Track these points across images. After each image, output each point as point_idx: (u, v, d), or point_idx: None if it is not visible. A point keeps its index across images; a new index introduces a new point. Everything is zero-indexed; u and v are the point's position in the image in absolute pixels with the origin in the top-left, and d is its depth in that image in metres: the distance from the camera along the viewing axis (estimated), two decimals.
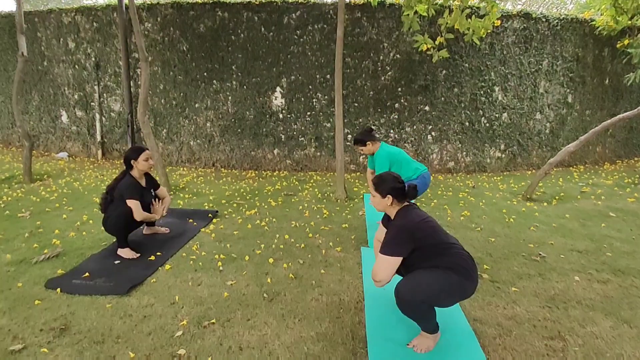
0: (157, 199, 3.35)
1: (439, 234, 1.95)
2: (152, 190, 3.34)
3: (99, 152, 7.43)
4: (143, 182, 3.26)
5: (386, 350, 1.99)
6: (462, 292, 1.92)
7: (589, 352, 2.03)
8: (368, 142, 3.57)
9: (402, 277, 2.00)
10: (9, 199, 4.67)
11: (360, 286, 2.72)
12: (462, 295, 1.94)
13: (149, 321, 2.25)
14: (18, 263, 2.95)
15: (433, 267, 1.90)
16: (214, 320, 2.26)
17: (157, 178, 4.66)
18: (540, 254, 3.28)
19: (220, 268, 2.95)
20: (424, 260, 1.92)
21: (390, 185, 2.02)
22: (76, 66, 7.24)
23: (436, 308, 2.00)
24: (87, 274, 2.76)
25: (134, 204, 3.04)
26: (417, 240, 1.88)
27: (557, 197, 5.17)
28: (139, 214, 3.06)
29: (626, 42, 6.86)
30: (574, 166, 7.64)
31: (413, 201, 2.42)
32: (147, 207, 3.26)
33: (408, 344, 2.03)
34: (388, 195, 2.02)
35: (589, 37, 7.12)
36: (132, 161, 3.15)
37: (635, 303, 2.53)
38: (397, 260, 1.88)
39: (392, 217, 2.06)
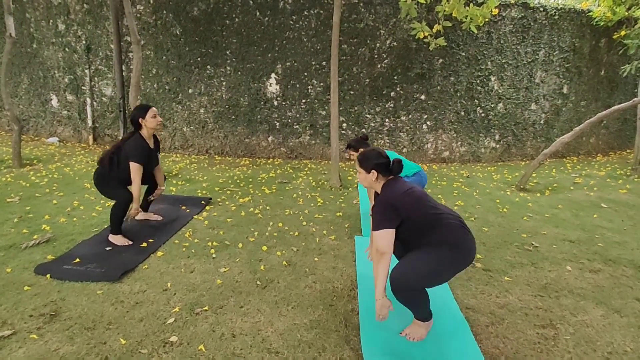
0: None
1: (425, 205, 1.92)
2: (157, 154, 3.26)
3: (90, 137, 7.32)
4: (151, 144, 3.15)
5: (379, 338, 1.99)
6: (458, 264, 1.90)
7: (580, 341, 2.04)
8: (360, 149, 3.47)
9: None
10: None
11: (354, 274, 2.71)
12: (460, 267, 1.92)
13: (140, 307, 2.23)
14: (7, 248, 2.91)
15: (425, 245, 1.89)
16: (206, 307, 2.25)
17: None
18: (532, 244, 3.30)
19: (213, 255, 2.93)
20: (415, 234, 1.91)
21: (374, 161, 2.01)
22: (66, 49, 7.07)
23: (429, 295, 1.99)
24: (77, 259, 2.73)
25: (136, 168, 2.95)
26: (402, 212, 1.88)
27: (550, 188, 5.20)
28: (137, 183, 2.98)
29: (623, 33, 6.85)
30: (568, 157, 7.68)
31: None
32: (150, 175, 3.21)
33: (401, 333, 2.03)
34: (372, 171, 2.01)
35: (586, 27, 7.10)
36: (140, 120, 3.02)
37: (625, 292, 2.55)
38: (389, 232, 1.87)
39: (379, 193, 2.06)
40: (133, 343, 1.93)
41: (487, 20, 5.53)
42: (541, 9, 6.70)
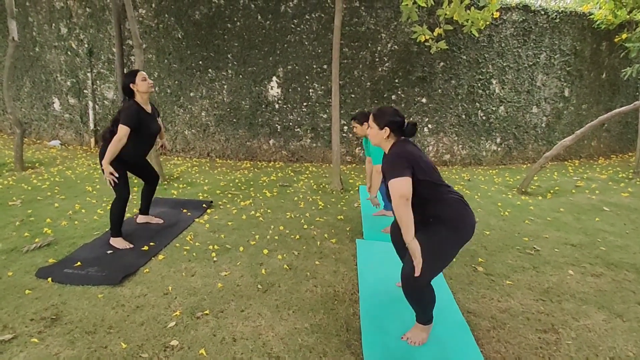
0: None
1: (432, 172, 1.88)
2: (157, 118, 3.23)
3: (92, 140, 7.34)
4: (148, 109, 3.10)
5: (380, 342, 1.99)
6: (460, 241, 1.89)
7: (582, 345, 2.04)
8: (365, 123, 3.40)
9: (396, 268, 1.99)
10: (0, 187, 4.60)
11: (355, 278, 2.71)
12: (462, 243, 1.91)
13: (141, 311, 2.23)
14: (8, 252, 2.91)
15: (425, 224, 1.86)
16: (207, 311, 2.25)
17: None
18: (534, 248, 3.29)
19: (215, 259, 2.93)
20: (418, 203, 1.84)
21: (389, 118, 1.94)
22: (69, 52, 7.10)
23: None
24: (78, 263, 2.73)
25: (123, 132, 2.83)
26: (413, 168, 1.80)
27: (552, 191, 5.19)
28: (115, 144, 2.82)
29: (624, 36, 6.84)
30: (569, 160, 7.67)
31: None
32: (153, 137, 3.16)
33: (402, 337, 2.02)
34: (386, 128, 1.94)
35: (587, 30, 7.10)
36: (131, 85, 2.96)
37: (627, 297, 2.54)
38: (408, 179, 1.77)
39: (387, 152, 2.00)
40: (134, 347, 1.93)
41: (488, 23, 5.55)
42: (542, 12, 6.71)
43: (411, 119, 6.76)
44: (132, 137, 2.93)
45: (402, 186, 1.77)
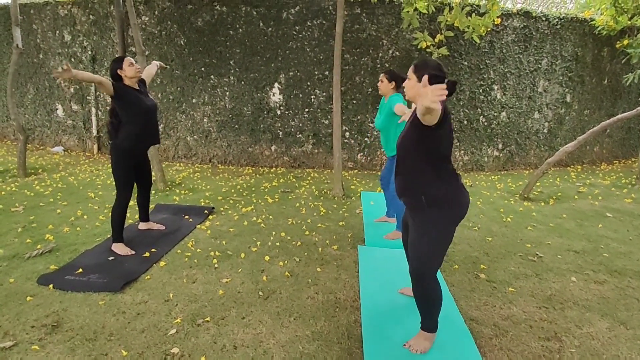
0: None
1: (449, 144, 1.83)
2: (148, 94, 3.23)
3: (95, 146, 7.37)
4: (136, 87, 3.14)
5: (382, 350, 1.97)
6: (453, 219, 1.85)
7: (586, 354, 2.02)
8: (393, 82, 3.23)
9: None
10: (3, 193, 4.62)
11: (357, 285, 2.70)
12: (456, 222, 1.87)
13: (142, 318, 2.23)
14: (10, 258, 2.92)
15: (418, 200, 1.84)
16: (208, 318, 2.24)
17: (153, 174, 4.62)
18: (537, 254, 3.28)
19: (216, 265, 2.93)
20: (420, 165, 1.81)
21: (432, 71, 1.80)
22: (72, 59, 7.16)
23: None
24: (80, 269, 2.73)
25: (105, 81, 2.90)
26: (445, 120, 1.67)
27: (554, 197, 5.17)
28: (90, 77, 2.83)
29: (625, 42, 6.85)
30: (572, 166, 7.64)
31: None
32: (151, 113, 3.13)
33: (404, 344, 2.01)
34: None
35: (588, 36, 7.11)
36: (118, 71, 3.03)
37: (631, 304, 2.52)
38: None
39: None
40: (134, 355, 1.93)
41: (489, 29, 5.57)
42: (543, 19, 6.73)
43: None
44: (130, 116, 2.98)
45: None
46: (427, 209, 1.84)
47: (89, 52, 7.03)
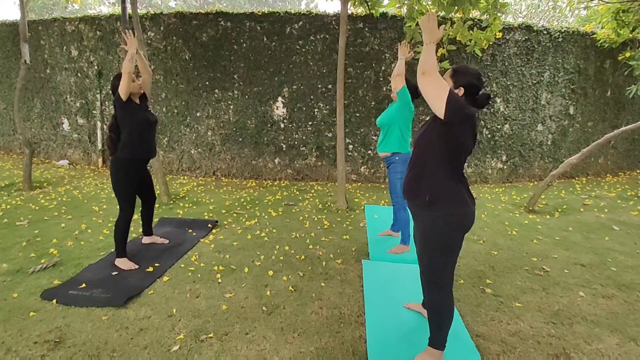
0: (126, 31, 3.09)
1: (463, 150, 1.81)
2: (149, 108, 3.25)
3: (100, 160, 7.42)
4: (137, 101, 3.14)
5: None
6: (459, 227, 1.83)
7: None
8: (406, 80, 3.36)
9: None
10: (8, 207, 4.64)
11: (361, 299, 2.67)
12: (462, 230, 1.84)
13: (145, 334, 2.21)
14: (14, 273, 2.91)
15: (421, 198, 1.83)
16: (211, 334, 2.22)
17: (157, 187, 4.63)
18: (543, 268, 3.24)
19: (219, 280, 2.91)
20: (433, 157, 1.81)
21: (470, 79, 1.81)
22: (79, 74, 7.26)
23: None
24: (83, 284, 2.72)
25: (120, 87, 2.87)
26: (458, 119, 1.71)
27: (559, 210, 5.13)
28: (124, 78, 2.84)
29: (628, 54, 6.87)
30: (576, 178, 7.60)
31: None
32: (151, 125, 3.14)
33: None
34: (461, 88, 1.83)
35: (590, 49, 7.14)
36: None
37: None
38: (445, 86, 1.70)
39: None
40: None
41: (491, 43, 5.60)
42: (544, 32, 6.77)
43: (416, 137, 6.76)
44: (131, 129, 2.99)
45: (438, 83, 1.69)
46: (427, 209, 1.82)
47: (95, 67, 7.12)
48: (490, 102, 1.82)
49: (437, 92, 1.69)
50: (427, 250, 1.87)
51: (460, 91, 1.83)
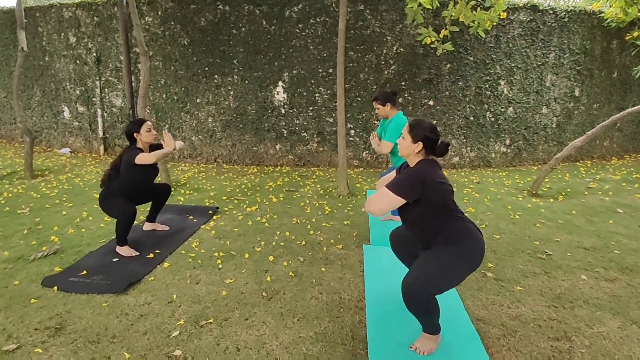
0: (166, 131, 3.24)
1: (449, 199, 1.87)
2: (157, 165, 3.24)
3: (101, 147, 7.41)
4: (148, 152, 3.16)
5: (387, 351, 1.94)
6: (468, 267, 1.84)
7: (597, 354, 1.97)
8: (388, 104, 3.43)
9: (403, 273, 1.96)
10: (10, 195, 4.65)
11: (362, 285, 2.66)
12: (469, 271, 1.86)
13: (145, 320, 2.21)
14: (15, 260, 2.93)
15: (436, 241, 1.85)
16: (211, 320, 2.22)
17: (160, 175, 4.62)
18: (546, 252, 3.21)
19: (219, 266, 2.91)
20: (427, 220, 1.86)
21: (426, 132, 1.88)
22: (77, 61, 7.19)
23: (440, 306, 1.94)
24: (84, 271, 2.73)
25: (142, 156, 2.90)
26: (426, 192, 1.79)
27: (563, 193, 5.08)
28: (151, 157, 2.90)
29: (635, 34, 6.71)
30: (581, 161, 7.53)
31: None
32: (151, 181, 3.23)
33: (410, 347, 1.97)
34: (419, 142, 1.89)
35: (597, 29, 6.98)
36: (134, 134, 3.05)
37: None
38: (398, 200, 1.80)
39: (412, 166, 1.96)
40: (137, 357, 1.91)
41: (494, 24, 5.47)
42: (550, 12, 6.61)
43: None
44: (129, 179, 3.03)
45: (385, 202, 1.81)
46: (445, 244, 1.85)
47: (94, 54, 7.05)
48: (448, 150, 1.90)
49: (393, 204, 1.82)
50: (430, 263, 1.84)
51: (419, 146, 1.90)
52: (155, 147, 3.23)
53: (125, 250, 3.06)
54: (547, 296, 2.53)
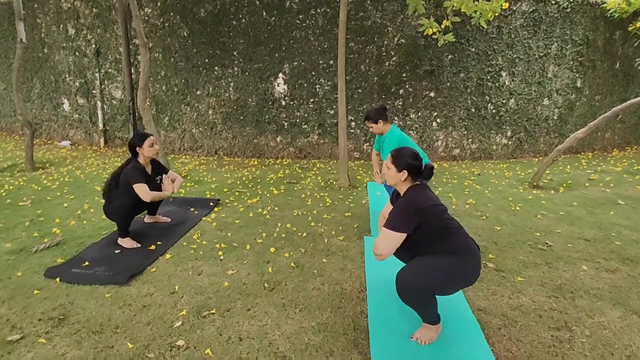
0: (165, 176, 3.28)
1: (445, 219, 1.91)
2: (157, 179, 3.27)
3: (102, 140, 7.40)
4: (149, 170, 3.19)
5: (388, 342, 1.95)
6: (465, 278, 1.90)
7: (597, 344, 1.98)
8: (380, 121, 3.43)
9: (404, 264, 1.97)
10: (11, 187, 4.65)
11: (363, 275, 2.67)
12: (465, 282, 1.92)
13: (148, 311, 2.23)
14: (18, 252, 2.94)
15: (435, 252, 1.88)
16: (213, 310, 2.23)
17: None
18: (546, 243, 3.22)
19: (221, 257, 2.92)
20: (427, 242, 1.90)
21: (408, 160, 1.95)
22: (76, 53, 7.16)
23: (440, 297, 1.95)
24: (86, 263, 2.74)
25: (140, 188, 2.98)
26: (422, 219, 1.84)
27: (564, 185, 5.08)
28: (147, 195, 2.99)
29: (638, 24, 6.66)
30: (582, 153, 7.51)
31: None
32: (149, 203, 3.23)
33: (411, 337, 1.98)
34: (404, 171, 1.95)
35: (599, 19, 6.92)
36: (137, 148, 3.09)
37: None
38: (400, 236, 1.84)
39: (402, 194, 2.01)
40: (140, 347, 1.93)
41: (497, 14, 5.42)
42: (553, 2, 6.55)
43: (419, 113, 6.68)
44: (127, 198, 3.03)
45: (389, 242, 1.84)
46: (445, 255, 1.88)
47: (93, 46, 7.01)
48: (433, 172, 1.93)
49: (397, 240, 1.85)
50: (430, 262, 1.87)
51: (404, 174, 1.95)
52: (156, 162, 3.29)
53: (127, 242, 3.07)
54: (548, 287, 2.54)
